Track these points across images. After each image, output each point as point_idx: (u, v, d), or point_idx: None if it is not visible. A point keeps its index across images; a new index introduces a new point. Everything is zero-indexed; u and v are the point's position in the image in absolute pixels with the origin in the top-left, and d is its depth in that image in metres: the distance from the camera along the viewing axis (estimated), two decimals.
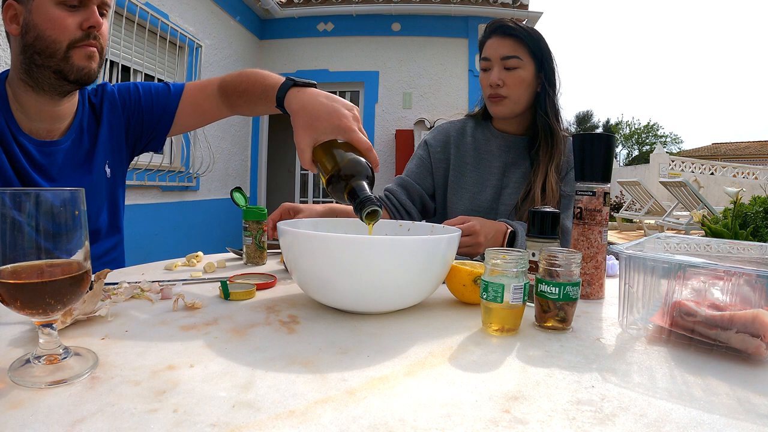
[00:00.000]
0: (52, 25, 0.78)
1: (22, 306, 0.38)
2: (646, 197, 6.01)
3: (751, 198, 1.83)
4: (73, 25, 0.79)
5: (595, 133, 0.70)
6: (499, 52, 1.09)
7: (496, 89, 1.10)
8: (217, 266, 0.87)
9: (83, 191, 0.41)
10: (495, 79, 1.09)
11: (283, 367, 0.42)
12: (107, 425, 0.32)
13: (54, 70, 0.80)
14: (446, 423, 0.34)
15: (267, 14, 5.32)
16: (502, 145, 1.18)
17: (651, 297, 0.54)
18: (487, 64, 1.12)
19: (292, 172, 5.83)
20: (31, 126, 0.85)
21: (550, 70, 1.12)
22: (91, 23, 0.80)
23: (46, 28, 0.78)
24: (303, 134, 0.69)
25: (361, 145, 0.68)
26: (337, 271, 0.55)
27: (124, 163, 1.01)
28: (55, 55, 0.79)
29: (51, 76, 0.80)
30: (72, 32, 0.79)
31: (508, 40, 1.09)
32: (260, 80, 0.87)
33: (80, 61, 0.81)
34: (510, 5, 5.11)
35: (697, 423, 0.34)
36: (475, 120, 1.25)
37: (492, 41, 1.11)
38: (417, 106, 5.31)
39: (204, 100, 0.98)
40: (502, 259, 0.53)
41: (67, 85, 0.83)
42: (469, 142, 1.21)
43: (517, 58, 1.08)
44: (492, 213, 1.16)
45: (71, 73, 0.81)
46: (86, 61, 0.81)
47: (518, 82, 1.09)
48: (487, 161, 1.18)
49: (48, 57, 0.79)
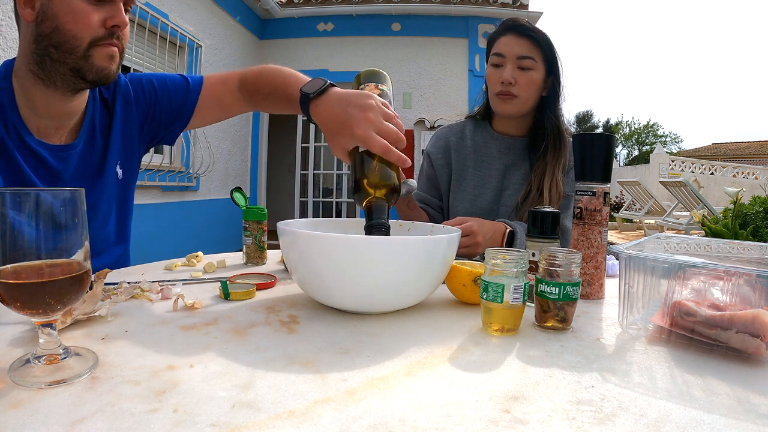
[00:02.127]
0: (74, 18, 0.70)
1: (22, 306, 0.38)
2: (646, 197, 6.01)
3: (751, 198, 1.83)
4: (97, 21, 0.72)
5: (595, 133, 0.70)
6: (515, 50, 1.09)
7: (507, 87, 1.10)
8: (217, 266, 0.87)
9: (83, 191, 0.41)
10: (508, 76, 1.08)
11: (283, 367, 0.42)
12: (107, 425, 0.32)
13: (71, 68, 0.73)
14: (446, 423, 0.34)
15: (267, 14, 5.32)
16: (502, 147, 1.19)
17: (651, 297, 0.54)
18: (499, 60, 1.11)
19: (292, 172, 5.82)
20: (39, 123, 0.79)
21: (558, 76, 1.13)
22: (117, 22, 0.74)
23: (67, 20, 0.70)
24: (332, 147, 0.71)
25: (378, 149, 0.65)
26: (337, 271, 0.55)
27: (135, 162, 0.96)
28: (74, 51, 0.72)
29: (67, 73, 0.73)
30: (95, 29, 0.72)
31: (524, 40, 1.09)
32: (282, 86, 0.85)
33: (101, 61, 0.74)
34: (510, 5, 5.11)
35: (697, 423, 0.34)
36: (474, 122, 1.26)
37: (508, 38, 1.10)
38: (417, 106, 5.31)
39: (227, 94, 0.95)
40: (502, 259, 0.53)
41: (83, 84, 0.76)
42: (469, 145, 1.22)
43: (531, 60, 1.08)
44: (492, 214, 1.16)
45: (90, 72, 0.74)
46: (107, 61, 0.75)
47: (530, 83, 1.09)
48: (487, 163, 1.19)
49: (66, 53, 0.72)
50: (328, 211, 5.69)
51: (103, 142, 0.89)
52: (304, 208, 5.59)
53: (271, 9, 5.18)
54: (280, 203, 5.97)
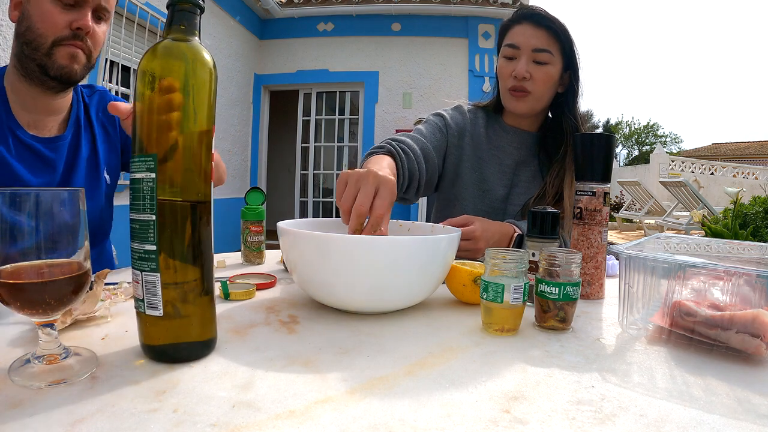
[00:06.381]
0: (43, 18, 0.78)
1: (22, 306, 0.38)
2: (646, 197, 6.01)
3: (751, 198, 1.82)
4: (63, 22, 0.79)
5: (595, 133, 0.70)
6: (531, 42, 0.98)
7: (521, 82, 1.00)
8: (217, 266, 0.87)
9: (83, 191, 0.41)
10: (522, 71, 0.98)
11: (283, 367, 0.42)
12: (107, 425, 0.32)
13: (37, 63, 0.80)
14: (446, 423, 0.34)
15: (267, 14, 5.32)
16: (515, 141, 1.10)
17: (651, 297, 0.54)
18: (513, 53, 1.00)
19: (292, 171, 5.83)
20: (29, 119, 0.85)
21: (576, 71, 1.03)
22: (80, 25, 0.80)
23: (37, 20, 0.78)
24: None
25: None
26: (337, 271, 0.55)
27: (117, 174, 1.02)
28: (39, 48, 0.79)
29: (35, 69, 0.81)
30: (59, 29, 0.79)
31: (542, 32, 0.98)
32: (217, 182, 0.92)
33: (62, 59, 0.81)
34: (510, 5, 5.10)
35: (697, 423, 0.34)
36: (485, 111, 1.16)
37: (523, 28, 0.99)
38: (417, 106, 5.30)
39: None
40: (502, 259, 0.53)
41: (49, 81, 0.82)
42: (482, 134, 1.12)
43: (548, 53, 0.98)
44: (500, 212, 1.10)
45: (51, 69, 0.80)
46: (68, 60, 0.81)
47: (546, 78, 1.00)
48: (499, 158, 1.10)
49: (33, 49, 0.79)
50: (328, 211, 5.69)
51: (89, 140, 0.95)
52: (304, 208, 5.59)
53: (271, 9, 5.18)
54: (280, 203, 5.97)
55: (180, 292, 0.41)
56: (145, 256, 0.40)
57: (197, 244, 0.42)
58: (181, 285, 0.41)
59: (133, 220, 0.41)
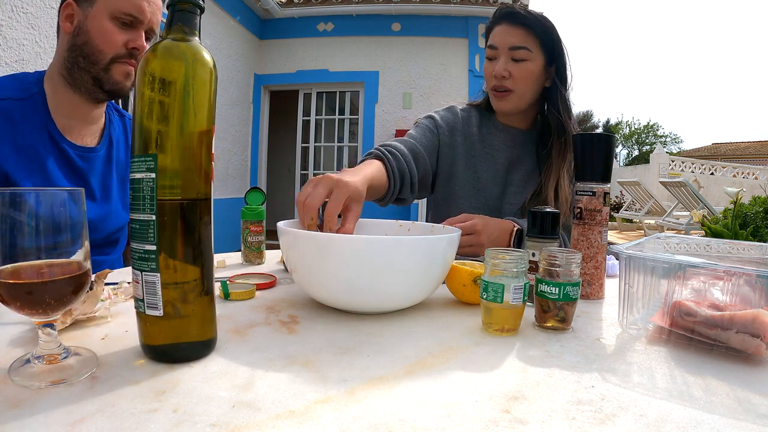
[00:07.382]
0: (103, 36, 0.85)
1: (22, 306, 0.38)
2: (646, 197, 6.01)
3: (751, 198, 1.82)
4: (120, 41, 0.86)
5: (595, 133, 0.70)
6: (508, 41, 1.00)
7: (501, 81, 1.02)
8: (217, 266, 0.87)
9: (83, 191, 0.41)
10: (500, 70, 1.00)
11: (283, 367, 0.42)
12: (107, 425, 0.32)
13: (93, 77, 0.87)
14: (446, 423, 0.34)
15: (267, 14, 5.32)
16: (508, 139, 1.11)
17: (651, 297, 0.54)
18: (493, 53, 1.03)
19: (292, 171, 5.83)
20: (65, 124, 0.91)
21: (562, 64, 1.03)
22: (136, 45, 0.88)
23: (97, 37, 0.85)
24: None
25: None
26: (337, 271, 0.55)
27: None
28: (97, 63, 0.86)
29: (89, 80, 0.87)
30: (117, 48, 0.86)
31: (517, 29, 1.00)
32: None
33: (118, 75, 0.88)
34: (510, 5, 5.10)
35: (697, 423, 0.34)
36: (479, 110, 1.17)
37: (500, 29, 1.02)
38: (417, 106, 5.31)
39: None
40: (502, 259, 0.53)
41: (101, 93, 0.90)
42: (475, 133, 1.13)
43: (526, 50, 1.00)
44: (496, 211, 1.10)
45: (107, 83, 0.88)
46: (123, 77, 0.89)
47: (526, 75, 1.01)
48: (493, 156, 1.11)
49: (91, 63, 0.86)
50: None
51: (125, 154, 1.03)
52: None
53: (271, 9, 5.18)
54: (280, 203, 5.98)
55: (180, 292, 0.41)
56: (145, 256, 0.40)
57: (197, 243, 0.42)
58: (181, 285, 0.41)
59: (133, 220, 0.41)
